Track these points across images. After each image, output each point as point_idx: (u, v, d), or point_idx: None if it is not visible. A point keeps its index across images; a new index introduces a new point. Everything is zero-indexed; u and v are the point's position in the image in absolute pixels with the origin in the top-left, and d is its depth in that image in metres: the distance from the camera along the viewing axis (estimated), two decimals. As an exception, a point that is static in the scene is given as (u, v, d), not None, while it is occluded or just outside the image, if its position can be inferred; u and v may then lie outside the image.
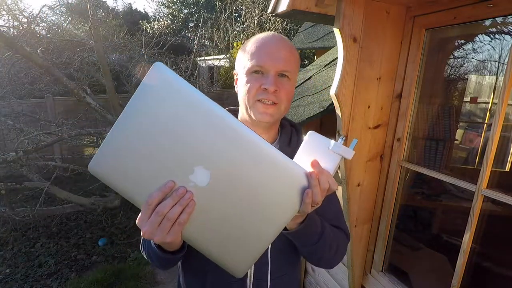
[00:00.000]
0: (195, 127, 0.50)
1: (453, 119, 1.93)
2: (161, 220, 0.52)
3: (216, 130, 0.50)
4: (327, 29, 2.84)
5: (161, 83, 0.49)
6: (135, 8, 18.07)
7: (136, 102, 0.50)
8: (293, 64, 0.77)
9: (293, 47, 0.79)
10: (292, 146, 0.85)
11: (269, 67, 0.74)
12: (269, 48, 0.75)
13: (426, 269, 1.85)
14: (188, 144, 0.50)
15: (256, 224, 0.55)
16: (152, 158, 0.51)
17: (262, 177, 0.53)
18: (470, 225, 1.22)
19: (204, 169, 0.51)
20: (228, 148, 0.51)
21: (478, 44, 1.62)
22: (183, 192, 0.51)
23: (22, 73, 5.05)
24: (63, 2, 5.62)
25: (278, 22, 7.26)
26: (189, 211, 0.52)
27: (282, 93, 0.75)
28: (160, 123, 0.50)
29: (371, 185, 1.60)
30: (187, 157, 0.51)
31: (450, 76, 1.93)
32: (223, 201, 0.53)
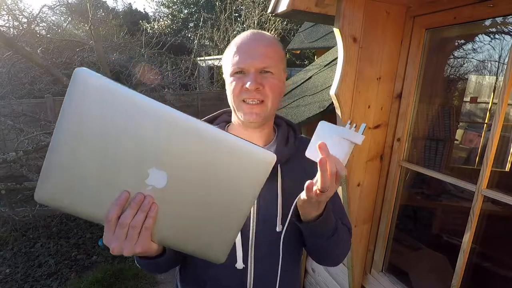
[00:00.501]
0: (137, 129, 0.47)
1: (453, 119, 1.93)
2: (126, 232, 0.51)
3: (161, 127, 0.47)
4: (327, 29, 2.84)
5: (89, 90, 0.44)
6: (135, 8, 18.07)
7: (66, 117, 0.45)
8: (274, 58, 0.75)
9: (273, 40, 0.77)
10: (289, 146, 0.83)
11: (249, 66, 0.72)
12: (247, 46, 0.74)
13: (426, 269, 1.85)
14: (136, 148, 0.47)
15: (225, 210, 0.54)
16: (100, 171, 0.48)
17: (218, 164, 0.51)
18: (470, 225, 1.22)
19: (158, 170, 0.49)
20: (177, 143, 0.48)
21: (478, 44, 1.62)
22: (141, 198, 0.50)
23: (22, 73, 5.05)
24: (63, 2, 5.61)
25: (278, 22, 7.26)
26: (153, 215, 0.51)
27: (266, 89, 0.73)
28: (97, 132, 0.46)
29: (371, 185, 1.60)
30: (137, 162, 0.48)
31: (450, 76, 1.93)
32: (186, 197, 0.52)
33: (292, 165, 0.81)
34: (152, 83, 5.38)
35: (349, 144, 0.63)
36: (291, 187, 0.79)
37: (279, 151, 0.78)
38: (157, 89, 5.73)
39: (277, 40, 0.79)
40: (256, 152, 0.52)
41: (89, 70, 0.45)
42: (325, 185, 0.59)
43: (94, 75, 0.44)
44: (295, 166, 0.82)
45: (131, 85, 5.17)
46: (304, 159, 0.81)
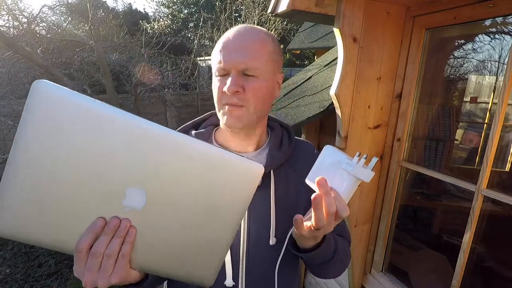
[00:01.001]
0: (109, 145, 0.41)
1: (453, 119, 1.93)
2: (100, 262, 0.45)
3: (136, 141, 0.42)
4: (327, 29, 2.84)
5: (49, 105, 0.38)
6: (135, 8, 18.07)
7: (23, 136, 0.39)
8: (260, 57, 0.65)
9: (262, 36, 0.67)
10: (283, 150, 0.75)
11: (229, 66, 0.64)
12: (231, 43, 0.65)
13: (426, 269, 1.85)
14: (108, 166, 0.42)
15: (212, 229, 0.49)
16: (66, 196, 0.42)
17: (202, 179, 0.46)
18: (470, 225, 1.22)
19: (136, 189, 0.44)
20: (156, 159, 0.43)
21: (478, 44, 1.62)
22: (116, 223, 0.44)
23: (22, 73, 5.05)
24: (63, 2, 5.61)
25: (278, 22, 7.26)
26: (130, 240, 0.45)
27: (247, 93, 0.65)
28: (61, 153, 0.40)
29: (371, 185, 1.60)
30: (111, 182, 0.43)
31: (450, 76, 1.93)
32: (169, 217, 0.47)
33: (286, 170, 0.75)
34: (152, 83, 5.38)
35: (355, 181, 0.54)
36: (285, 194, 0.73)
37: (272, 156, 0.73)
38: (157, 89, 5.73)
39: (270, 36, 0.70)
40: (242, 164, 0.48)
41: (49, 82, 0.39)
42: (319, 223, 0.52)
43: (54, 87, 0.38)
44: (290, 172, 0.76)
45: (131, 85, 5.17)
46: (299, 164, 0.77)
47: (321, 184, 0.52)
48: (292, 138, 0.80)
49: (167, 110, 6.88)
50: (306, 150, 0.82)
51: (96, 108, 0.40)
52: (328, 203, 0.52)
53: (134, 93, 5.22)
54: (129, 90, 5.34)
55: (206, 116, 0.82)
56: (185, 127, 0.79)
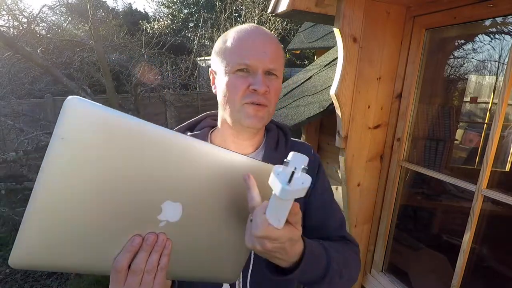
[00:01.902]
0: (144, 161, 0.41)
1: (453, 119, 1.93)
2: (141, 278, 0.45)
3: (170, 155, 0.42)
4: (327, 29, 2.84)
5: (84, 123, 0.37)
6: (135, 8, 18.07)
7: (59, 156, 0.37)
8: (280, 60, 0.69)
9: (277, 40, 0.70)
10: (279, 151, 0.75)
11: (257, 65, 0.64)
12: (254, 42, 0.65)
13: (426, 269, 1.85)
14: (144, 183, 0.42)
15: (237, 230, 0.51)
16: (105, 216, 0.41)
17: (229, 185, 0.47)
18: (470, 225, 1.22)
19: (172, 202, 0.44)
20: (188, 170, 0.44)
21: (478, 44, 1.62)
22: (154, 239, 0.44)
23: (22, 73, 5.05)
24: (63, 2, 5.61)
25: (278, 22, 7.26)
26: (167, 253, 0.46)
27: (272, 93, 0.66)
28: (95, 174, 0.39)
29: (371, 185, 1.60)
30: (148, 199, 0.43)
31: (450, 76, 1.93)
32: (201, 225, 0.48)
33: None
34: (152, 83, 5.38)
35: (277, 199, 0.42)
36: None
37: (268, 157, 0.73)
38: (157, 89, 5.73)
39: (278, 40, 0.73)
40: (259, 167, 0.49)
41: (82, 98, 0.37)
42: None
43: (88, 104, 0.37)
44: None
45: (131, 85, 5.18)
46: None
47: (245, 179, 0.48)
48: (289, 139, 0.80)
49: (167, 110, 6.87)
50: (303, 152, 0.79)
51: (127, 123, 0.39)
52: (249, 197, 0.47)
53: (134, 93, 5.22)
54: (129, 90, 5.34)
55: (201, 118, 0.81)
56: (180, 129, 0.78)
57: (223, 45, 0.68)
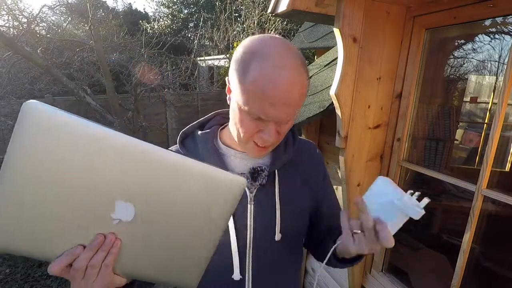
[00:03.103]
0: (99, 163, 0.43)
1: (453, 119, 1.93)
2: (84, 272, 0.47)
3: (125, 158, 0.44)
4: (327, 29, 2.83)
5: (39, 125, 0.40)
6: (135, 8, 18.07)
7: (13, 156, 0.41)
8: (301, 102, 0.62)
9: (303, 76, 0.60)
10: (288, 150, 0.77)
11: (270, 119, 0.60)
12: (277, 91, 0.56)
13: (426, 269, 1.85)
14: (99, 182, 0.44)
15: (195, 237, 0.52)
16: (59, 210, 0.44)
17: (186, 192, 0.49)
18: (470, 225, 1.22)
19: (124, 202, 0.46)
20: (143, 174, 0.46)
21: (478, 44, 1.62)
22: (100, 240, 0.47)
23: (22, 73, 5.05)
24: (63, 2, 5.61)
25: (278, 22, 7.26)
26: (114, 251, 0.48)
27: (281, 134, 0.66)
28: (51, 172, 0.42)
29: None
30: (102, 197, 0.45)
31: (450, 76, 1.93)
32: (155, 228, 0.49)
33: (290, 170, 0.78)
34: (152, 83, 5.38)
35: (404, 217, 0.57)
36: (289, 192, 0.76)
37: (277, 157, 0.75)
38: (157, 89, 5.73)
39: (303, 61, 0.61)
40: (225, 178, 0.50)
41: (40, 102, 0.40)
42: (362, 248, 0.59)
43: (44, 107, 0.40)
44: (293, 171, 0.78)
45: (131, 85, 5.17)
46: (302, 164, 0.80)
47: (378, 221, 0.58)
48: (296, 138, 0.81)
49: (167, 110, 6.87)
50: (309, 150, 0.84)
51: (84, 126, 0.42)
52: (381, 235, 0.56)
53: (134, 93, 5.22)
54: (129, 90, 5.34)
55: (211, 116, 0.82)
56: (191, 128, 0.79)
57: (242, 72, 0.58)
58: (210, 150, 0.73)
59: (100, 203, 0.45)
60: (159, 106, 6.61)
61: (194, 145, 0.76)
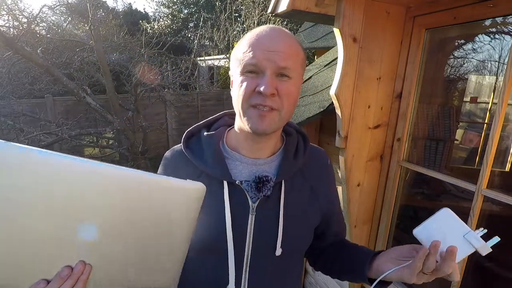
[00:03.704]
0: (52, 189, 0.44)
1: (453, 119, 1.93)
2: None
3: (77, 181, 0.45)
4: (327, 29, 2.84)
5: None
6: (135, 8, 18.06)
7: None
8: (295, 59, 0.63)
9: (295, 40, 0.65)
10: (298, 159, 0.72)
11: (265, 65, 0.60)
12: (265, 42, 0.61)
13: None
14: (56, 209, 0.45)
15: (161, 247, 0.54)
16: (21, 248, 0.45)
17: (144, 206, 0.50)
18: (470, 225, 1.22)
19: (87, 224, 0.47)
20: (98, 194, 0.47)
21: (478, 44, 1.62)
22: (67, 273, 0.47)
23: (22, 73, 5.05)
24: (63, 2, 5.62)
25: (278, 22, 7.26)
26: (84, 278, 0.49)
27: (282, 96, 0.61)
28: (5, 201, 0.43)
29: (371, 185, 1.60)
30: (62, 221, 0.46)
31: (450, 76, 1.93)
32: (120, 244, 0.51)
33: (298, 181, 0.73)
34: (152, 83, 5.38)
35: (471, 250, 0.60)
36: (295, 206, 0.71)
37: (287, 164, 0.71)
38: (157, 89, 5.73)
39: (300, 43, 0.67)
40: (182, 187, 0.52)
41: None
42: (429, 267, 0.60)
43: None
44: (302, 183, 0.73)
45: (131, 85, 5.17)
46: (312, 174, 0.75)
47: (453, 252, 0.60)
48: (308, 145, 0.77)
49: (167, 110, 6.88)
50: (320, 159, 0.81)
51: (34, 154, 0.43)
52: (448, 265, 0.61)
53: (134, 93, 5.22)
54: (129, 90, 5.34)
55: (218, 116, 0.79)
56: (197, 127, 0.77)
57: (237, 47, 0.66)
58: (214, 154, 0.69)
59: (62, 229, 0.46)
60: (159, 106, 6.61)
61: (198, 145, 0.73)
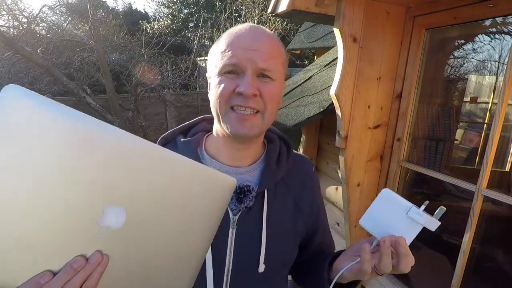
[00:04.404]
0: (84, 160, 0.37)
1: (453, 119, 1.93)
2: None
3: (113, 155, 0.38)
4: (327, 29, 2.84)
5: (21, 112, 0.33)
6: (135, 8, 18.07)
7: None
8: (277, 60, 0.59)
9: (277, 40, 0.62)
10: (281, 166, 0.68)
11: (245, 64, 0.56)
12: (245, 40, 0.57)
13: (426, 269, 1.85)
14: (84, 185, 0.37)
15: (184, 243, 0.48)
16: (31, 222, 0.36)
17: (177, 192, 0.44)
18: (470, 225, 1.22)
19: (116, 207, 0.40)
20: (136, 175, 0.40)
21: (478, 44, 1.62)
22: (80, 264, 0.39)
23: (22, 73, 5.05)
24: (63, 2, 5.61)
25: (278, 22, 7.26)
26: (100, 271, 0.41)
27: (264, 97, 0.58)
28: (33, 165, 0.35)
29: (371, 185, 1.60)
30: (89, 201, 0.38)
31: (450, 76, 1.93)
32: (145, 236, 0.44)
33: (281, 191, 0.68)
34: (152, 83, 5.38)
35: (419, 228, 0.56)
36: (278, 218, 0.66)
37: (270, 172, 0.66)
38: (157, 89, 5.73)
39: (280, 42, 0.64)
40: (217, 178, 0.47)
41: (20, 87, 0.34)
42: (384, 269, 0.57)
43: (26, 93, 0.34)
44: (285, 192, 0.69)
45: (131, 85, 5.17)
46: (295, 182, 0.71)
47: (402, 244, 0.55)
48: (291, 152, 0.73)
49: (167, 110, 6.88)
50: (304, 167, 0.75)
51: (67, 115, 0.35)
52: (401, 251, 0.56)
53: (134, 93, 5.22)
54: (129, 90, 5.34)
55: (196, 121, 0.74)
56: (172, 133, 0.71)
57: (215, 46, 0.62)
58: None
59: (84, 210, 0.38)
60: (159, 106, 6.61)
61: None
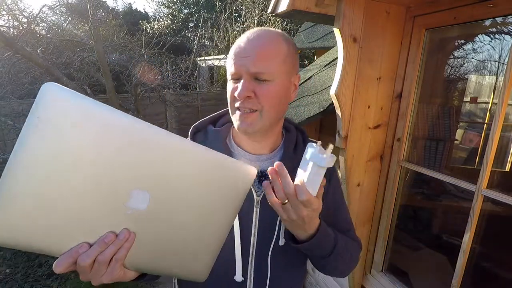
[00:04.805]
0: (115, 149, 0.42)
1: (453, 119, 1.93)
2: (91, 266, 0.46)
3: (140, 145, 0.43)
4: (327, 29, 2.84)
5: (58, 108, 0.39)
6: (135, 8, 18.05)
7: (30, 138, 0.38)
8: (272, 61, 0.64)
9: (275, 38, 0.66)
10: (298, 153, 0.76)
11: (240, 71, 0.64)
12: (241, 49, 0.64)
13: (426, 269, 1.85)
14: (114, 169, 0.43)
15: (206, 227, 0.52)
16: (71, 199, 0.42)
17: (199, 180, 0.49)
18: (470, 225, 1.22)
19: (141, 191, 0.45)
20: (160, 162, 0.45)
21: (478, 44, 1.62)
22: (111, 238, 0.45)
23: (22, 73, 5.05)
24: (63, 2, 5.61)
25: (278, 22, 7.26)
26: (128, 246, 0.46)
27: (259, 98, 0.64)
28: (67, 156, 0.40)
29: (371, 185, 1.60)
30: (117, 184, 0.44)
31: (450, 76, 1.93)
32: (168, 217, 0.49)
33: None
34: (152, 83, 5.38)
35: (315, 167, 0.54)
36: None
37: (287, 158, 0.73)
38: (157, 89, 5.73)
39: (284, 37, 0.68)
40: (238, 166, 0.51)
41: (59, 85, 0.39)
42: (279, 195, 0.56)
43: (65, 91, 0.39)
44: None
45: (131, 85, 5.17)
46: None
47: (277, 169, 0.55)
48: (306, 140, 0.80)
49: (167, 110, 6.87)
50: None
51: (101, 110, 0.41)
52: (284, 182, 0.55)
53: (134, 93, 5.21)
54: (129, 90, 5.33)
55: (223, 112, 0.82)
56: (203, 122, 0.80)
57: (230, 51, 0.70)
58: (221, 149, 0.72)
59: (115, 191, 0.44)
60: (159, 106, 6.61)
61: (205, 140, 0.76)
